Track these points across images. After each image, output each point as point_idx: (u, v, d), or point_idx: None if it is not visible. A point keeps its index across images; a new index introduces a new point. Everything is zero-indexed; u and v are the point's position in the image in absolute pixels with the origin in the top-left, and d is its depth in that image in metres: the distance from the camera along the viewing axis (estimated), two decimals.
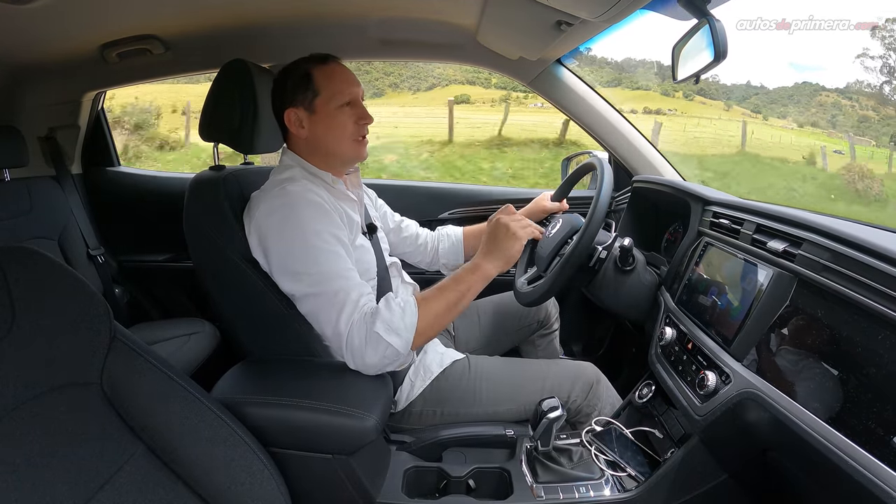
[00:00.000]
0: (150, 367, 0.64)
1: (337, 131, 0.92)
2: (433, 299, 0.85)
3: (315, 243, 0.83)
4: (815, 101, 10.75)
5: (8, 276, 0.57)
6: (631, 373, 1.27)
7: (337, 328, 0.81)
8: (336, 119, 0.91)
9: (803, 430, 0.57)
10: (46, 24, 1.07)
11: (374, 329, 0.79)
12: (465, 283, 0.87)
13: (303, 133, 0.93)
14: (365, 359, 0.80)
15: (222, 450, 0.66)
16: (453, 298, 0.86)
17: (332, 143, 0.93)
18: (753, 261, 0.77)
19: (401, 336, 0.79)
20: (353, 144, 0.94)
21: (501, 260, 0.91)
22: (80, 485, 0.54)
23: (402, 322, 0.80)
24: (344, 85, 0.92)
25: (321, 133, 0.92)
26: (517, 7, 0.96)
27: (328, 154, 0.94)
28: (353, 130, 0.93)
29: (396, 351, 0.80)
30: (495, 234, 0.93)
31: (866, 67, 9.56)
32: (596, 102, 1.45)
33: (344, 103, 0.91)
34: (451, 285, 0.87)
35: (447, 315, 0.86)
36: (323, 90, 0.91)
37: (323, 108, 0.91)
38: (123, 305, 1.65)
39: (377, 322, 0.79)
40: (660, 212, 1.30)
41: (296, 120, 0.92)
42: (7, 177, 1.38)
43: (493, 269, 0.90)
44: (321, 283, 0.82)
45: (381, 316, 0.80)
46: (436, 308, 0.85)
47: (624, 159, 1.48)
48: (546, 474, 0.88)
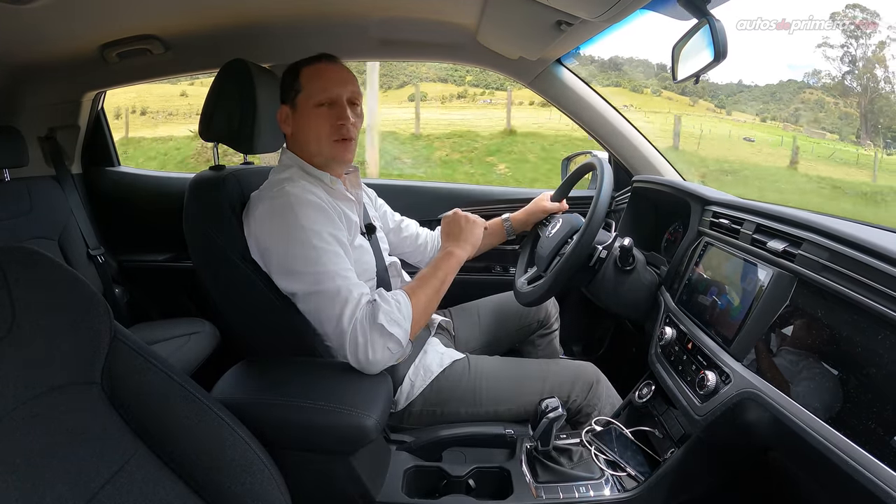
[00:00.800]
0: (151, 366, 0.64)
1: (312, 130, 0.92)
2: (420, 289, 0.89)
3: (314, 243, 0.83)
4: (797, 98, 10.80)
5: (8, 276, 0.57)
6: (631, 373, 1.26)
7: (339, 326, 0.81)
8: (312, 118, 0.91)
9: (803, 430, 0.57)
10: (46, 24, 1.07)
11: (377, 321, 0.80)
12: (443, 270, 0.93)
13: (288, 130, 0.95)
14: (369, 354, 0.80)
15: (222, 450, 0.66)
16: (437, 285, 0.91)
17: (310, 142, 0.93)
18: (753, 261, 0.77)
19: (401, 326, 0.82)
20: (330, 145, 0.92)
21: (469, 243, 1.01)
22: (80, 485, 0.54)
23: (399, 313, 0.82)
24: (327, 84, 0.91)
25: (300, 130, 0.93)
26: (517, 7, 0.96)
27: (307, 153, 0.94)
28: (329, 131, 0.91)
29: (399, 342, 0.81)
30: (458, 224, 1.04)
31: (827, 57, 9.50)
32: (596, 102, 1.45)
33: (321, 103, 0.90)
34: (431, 273, 0.92)
35: (433, 302, 0.90)
36: (304, 88, 0.91)
37: (303, 106, 0.92)
38: (123, 305, 1.65)
39: (380, 314, 0.80)
40: (660, 212, 1.30)
41: (284, 117, 0.94)
42: (7, 177, 1.38)
43: (463, 253, 0.98)
44: (321, 283, 0.82)
45: (383, 308, 0.81)
46: (424, 297, 0.88)
47: (624, 159, 1.48)
48: (546, 474, 0.88)
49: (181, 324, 1.52)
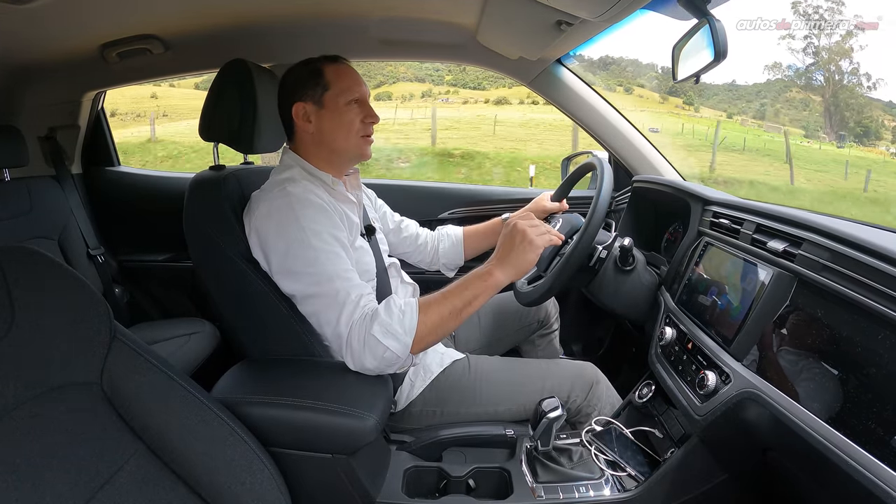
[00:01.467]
0: (151, 366, 0.64)
1: (344, 127, 0.92)
2: (437, 304, 0.82)
3: (315, 244, 0.83)
4: (782, 98, 10.88)
5: (8, 276, 0.57)
6: (631, 373, 1.27)
7: (337, 329, 0.81)
8: (345, 115, 0.92)
9: (803, 430, 0.57)
10: (46, 24, 1.07)
11: (371, 332, 0.78)
12: (473, 291, 0.83)
13: (309, 128, 0.93)
14: (363, 361, 0.80)
15: (222, 450, 0.66)
16: (459, 305, 0.82)
17: (339, 139, 0.93)
18: (753, 261, 0.77)
19: (398, 340, 0.78)
20: (359, 141, 0.94)
21: (513, 269, 0.85)
22: (80, 485, 0.54)
23: (400, 326, 0.79)
24: (353, 83, 0.93)
25: (328, 128, 0.93)
26: (517, 7, 0.96)
27: (332, 150, 0.94)
28: (360, 128, 0.93)
29: (395, 355, 0.79)
30: (511, 241, 0.86)
31: (791, 49, 9.50)
32: (596, 102, 1.45)
33: (353, 100, 0.92)
34: (456, 292, 0.83)
35: (450, 321, 0.82)
36: (333, 85, 0.92)
37: (332, 103, 0.92)
38: (123, 305, 1.65)
39: (374, 325, 0.79)
40: (660, 212, 1.30)
41: (303, 114, 0.92)
42: (7, 177, 1.38)
43: (504, 278, 0.85)
44: (321, 284, 0.82)
45: (380, 319, 0.79)
46: (438, 313, 0.82)
47: (624, 159, 1.47)
48: (546, 474, 0.88)
49: (181, 324, 1.52)
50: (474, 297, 0.83)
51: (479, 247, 1.27)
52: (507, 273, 0.85)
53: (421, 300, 0.84)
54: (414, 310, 0.81)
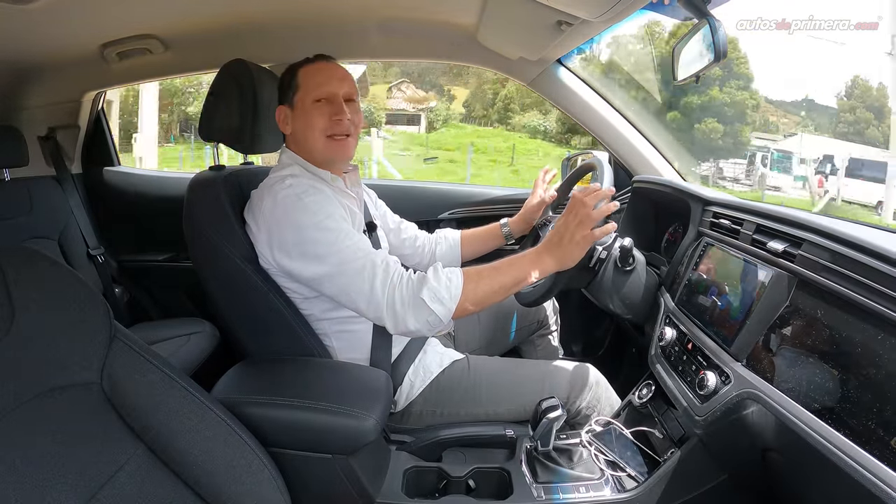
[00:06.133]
0: (151, 366, 0.64)
1: (310, 127, 0.92)
2: (488, 278, 0.84)
3: (329, 224, 0.84)
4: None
5: (8, 276, 0.57)
6: (631, 373, 1.27)
7: (373, 297, 0.81)
8: (310, 114, 0.91)
9: (803, 430, 0.57)
10: (46, 24, 1.07)
11: (420, 295, 0.80)
12: (522, 271, 0.84)
13: (287, 130, 0.95)
14: (407, 323, 0.81)
15: (222, 450, 0.66)
16: (507, 283, 0.84)
17: (308, 139, 0.93)
18: (753, 261, 0.77)
19: (444, 305, 0.80)
20: (325, 141, 0.92)
21: (558, 261, 0.86)
22: (80, 485, 0.54)
23: (447, 293, 0.81)
24: (323, 80, 0.92)
25: (298, 129, 0.93)
26: (517, 7, 0.96)
27: (308, 152, 0.94)
28: (324, 126, 0.92)
29: (438, 319, 0.81)
30: (567, 230, 0.85)
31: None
32: (596, 102, 1.45)
33: (317, 99, 0.91)
34: (506, 269, 0.85)
35: (495, 296, 0.84)
36: (301, 86, 0.92)
37: (300, 104, 0.92)
38: (123, 305, 1.65)
39: (424, 289, 0.80)
40: (660, 212, 1.30)
41: (283, 117, 0.95)
42: (7, 177, 1.38)
43: (551, 266, 0.86)
44: (345, 260, 0.82)
45: (429, 284, 0.80)
46: (490, 286, 0.83)
47: (624, 159, 1.47)
48: (546, 474, 0.88)
49: (181, 324, 1.51)
50: (522, 277, 0.85)
51: (477, 251, 1.26)
52: (553, 263, 0.86)
53: (471, 270, 0.85)
54: (459, 279, 0.82)
